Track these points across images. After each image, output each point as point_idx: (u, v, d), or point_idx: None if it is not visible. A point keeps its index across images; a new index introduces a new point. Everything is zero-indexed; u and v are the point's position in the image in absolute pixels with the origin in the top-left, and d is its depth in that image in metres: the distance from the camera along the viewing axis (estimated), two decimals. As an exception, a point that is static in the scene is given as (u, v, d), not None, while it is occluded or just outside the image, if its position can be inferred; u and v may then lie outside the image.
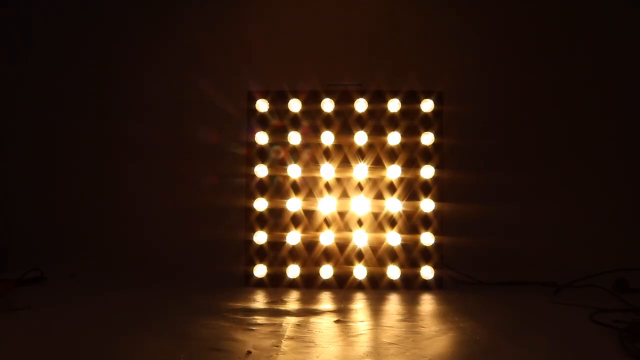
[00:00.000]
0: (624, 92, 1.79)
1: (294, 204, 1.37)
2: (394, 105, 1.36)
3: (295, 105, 1.38)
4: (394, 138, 1.36)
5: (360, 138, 1.36)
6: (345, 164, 1.37)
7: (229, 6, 1.87)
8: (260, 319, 1.05)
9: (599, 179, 1.77)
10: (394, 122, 1.37)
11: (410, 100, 1.37)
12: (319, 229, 1.37)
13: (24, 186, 1.92)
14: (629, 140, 1.79)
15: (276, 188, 1.38)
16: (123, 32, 1.91)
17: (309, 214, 1.37)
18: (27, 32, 1.93)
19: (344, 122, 1.38)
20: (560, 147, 1.79)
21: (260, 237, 1.36)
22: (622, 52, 1.80)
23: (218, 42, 1.87)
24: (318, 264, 1.35)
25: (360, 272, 1.34)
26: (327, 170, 1.37)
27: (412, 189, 1.36)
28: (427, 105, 1.36)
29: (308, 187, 1.38)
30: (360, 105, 1.37)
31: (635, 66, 1.80)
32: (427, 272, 1.34)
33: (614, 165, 1.78)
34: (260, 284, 1.36)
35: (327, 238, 1.35)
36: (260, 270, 1.36)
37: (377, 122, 1.37)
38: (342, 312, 1.11)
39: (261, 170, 1.38)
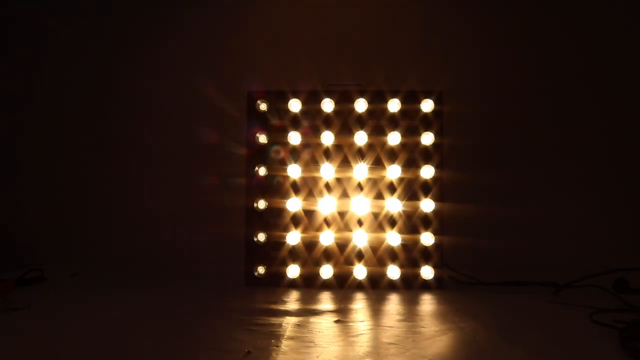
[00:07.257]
0: (622, 92, 1.79)
1: (294, 204, 1.37)
2: (393, 105, 1.36)
3: (295, 105, 1.38)
4: (393, 138, 1.36)
5: (360, 138, 1.36)
6: (345, 164, 1.37)
7: (229, 7, 1.87)
8: (260, 319, 1.05)
9: (599, 178, 1.77)
10: (394, 122, 1.37)
11: (410, 100, 1.37)
12: (319, 229, 1.37)
13: (24, 186, 1.92)
14: (628, 140, 1.79)
15: (276, 188, 1.38)
16: (125, 35, 1.91)
17: (309, 214, 1.37)
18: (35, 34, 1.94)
19: (344, 122, 1.38)
20: (560, 147, 1.79)
21: (260, 237, 1.36)
22: (619, 52, 1.80)
23: (219, 43, 1.87)
24: (318, 264, 1.35)
25: (360, 272, 1.34)
26: (327, 170, 1.37)
27: (412, 189, 1.36)
28: (427, 105, 1.36)
29: (308, 187, 1.38)
30: (360, 105, 1.37)
31: (635, 67, 1.80)
32: (427, 272, 1.34)
33: (614, 165, 1.78)
34: (260, 283, 1.36)
35: (327, 238, 1.35)
36: (260, 270, 1.36)
37: (377, 122, 1.37)
38: (342, 312, 1.11)
39: (261, 170, 1.38)
